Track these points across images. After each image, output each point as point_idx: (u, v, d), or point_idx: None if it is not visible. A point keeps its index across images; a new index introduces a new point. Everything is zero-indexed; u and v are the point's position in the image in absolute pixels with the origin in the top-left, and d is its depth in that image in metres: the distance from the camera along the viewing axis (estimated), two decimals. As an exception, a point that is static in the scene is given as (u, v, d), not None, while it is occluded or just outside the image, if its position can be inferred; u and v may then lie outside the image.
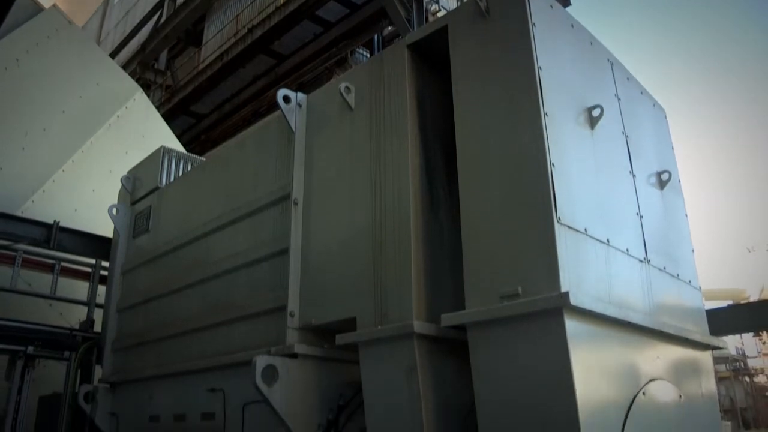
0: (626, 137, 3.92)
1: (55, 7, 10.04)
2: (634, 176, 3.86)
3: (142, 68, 20.60)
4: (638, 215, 3.77)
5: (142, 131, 9.90)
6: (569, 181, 3.13)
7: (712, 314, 4.42)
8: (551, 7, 3.58)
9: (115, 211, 6.60)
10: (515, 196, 3.12)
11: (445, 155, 3.77)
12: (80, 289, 7.50)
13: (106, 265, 7.04)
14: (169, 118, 13.67)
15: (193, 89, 18.67)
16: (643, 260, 3.63)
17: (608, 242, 3.32)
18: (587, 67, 3.79)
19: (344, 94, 4.10)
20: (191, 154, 7.07)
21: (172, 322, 5.33)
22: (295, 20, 15.66)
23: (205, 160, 6.61)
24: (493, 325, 2.97)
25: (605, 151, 3.65)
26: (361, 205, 3.82)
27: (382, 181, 3.73)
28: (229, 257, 4.78)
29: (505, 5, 3.44)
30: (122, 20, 24.74)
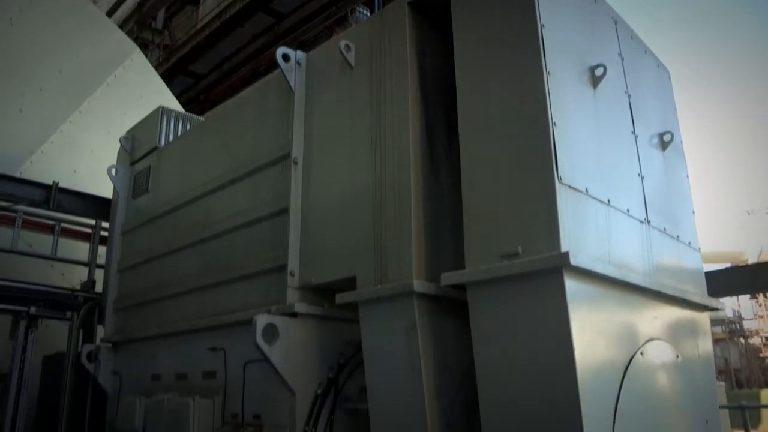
0: (629, 97, 3.87)
1: (48, -36, 9.84)
2: (636, 137, 3.83)
3: (139, 27, 20.31)
4: (639, 176, 3.75)
5: (140, 91, 9.80)
6: (571, 140, 3.11)
7: (710, 276, 4.44)
8: (554, -37, 3.50)
9: (114, 171, 6.58)
10: (516, 155, 3.10)
11: (445, 114, 3.73)
12: (81, 249, 7.51)
13: (106, 225, 7.04)
14: (167, 78, 13.51)
15: (191, 49, 18.44)
16: (643, 221, 3.62)
17: (609, 203, 3.31)
18: (590, 25, 3.72)
19: (344, 52, 4.05)
20: (190, 113, 7.02)
21: (172, 282, 5.35)
22: (295, -23, 15.42)
23: (204, 120, 6.56)
24: (492, 284, 2.97)
25: (607, 111, 3.61)
26: (361, 164, 3.81)
27: (382, 139, 3.70)
28: (229, 217, 4.78)
29: (507, -38, 3.36)
30: (118, -22, 24.30)
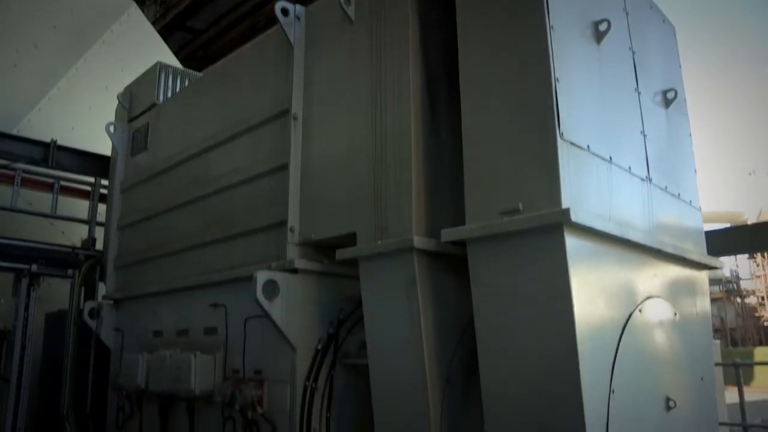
0: (633, 53, 3.81)
1: None
2: (639, 94, 3.78)
3: (135, -18, 19.92)
4: (642, 133, 3.72)
5: (137, 47, 9.65)
6: (573, 96, 3.07)
7: (709, 235, 4.44)
8: None
9: (112, 128, 6.52)
10: (518, 111, 3.07)
11: (446, 70, 3.67)
12: (81, 207, 7.51)
13: (105, 183, 7.02)
14: (164, 34, 13.30)
15: (188, 4, 18.06)
16: (644, 179, 3.61)
17: (611, 160, 3.29)
18: (594, -22, 3.64)
19: (344, 6, 3.97)
20: (188, 69, 6.93)
21: (172, 239, 5.36)
22: (295, -72, 15.01)
23: (202, 76, 6.48)
24: (492, 240, 2.97)
25: (611, 67, 3.56)
26: (361, 119, 3.77)
27: (382, 95, 3.66)
28: (228, 173, 4.76)
29: None
30: (113, -69, 23.73)
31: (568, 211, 2.71)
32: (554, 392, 2.75)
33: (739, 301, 44.92)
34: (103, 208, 6.95)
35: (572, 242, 2.78)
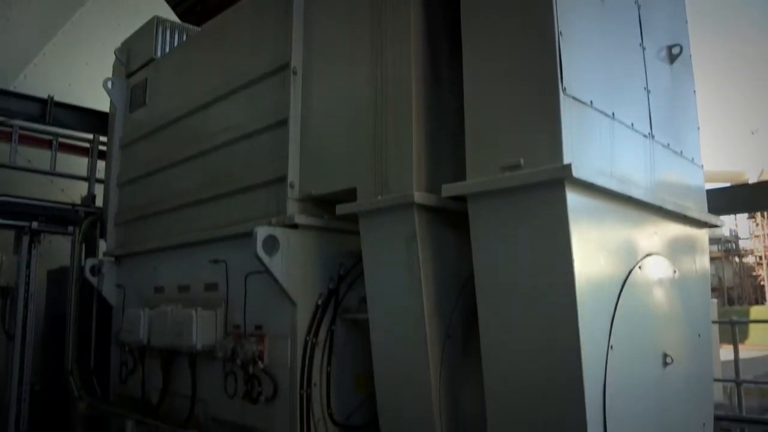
0: (638, 7, 3.74)
1: None
2: (644, 49, 3.72)
3: (130, -65, 19.46)
4: (645, 89, 3.67)
5: (133, 1, 9.47)
6: (576, 51, 3.01)
7: (710, 194, 4.42)
8: None
9: (110, 84, 6.44)
10: (520, 65, 3.01)
11: (448, 23, 3.61)
12: (80, 164, 7.48)
13: (104, 140, 6.97)
14: (161, -12, 13.07)
15: (185, -43, 17.73)
16: (647, 135, 3.58)
17: (613, 116, 3.25)
18: (601, -73, 3.55)
19: (344, -44, 3.89)
20: (187, 24, 6.81)
21: (172, 195, 5.35)
22: None
23: (201, 30, 6.37)
24: (493, 196, 2.96)
25: (615, 21, 3.50)
26: (361, 73, 3.72)
27: (383, 48, 3.60)
28: (228, 129, 4.72)
29: None
30: None
31: (569, 166, 2.69)
32: (554, 347, 2.78)
33: (737, 260, 45.19)
34: (102, 165, 6.93)
35: (573, 198, 2.77)
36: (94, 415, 5.53)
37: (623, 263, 3.14)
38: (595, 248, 2.93)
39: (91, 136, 7.23)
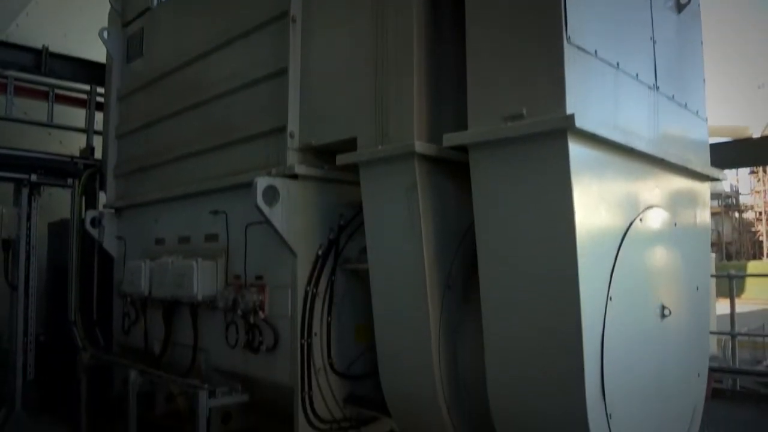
0: (646, -47, 3.64)
1: None
2: (651, -3, 3.64)
3: None
4: (651, 39, 3.59)
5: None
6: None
7: (713, 148, 4.39)
8: None
9: (106, 34, 6.33)
10: (524, 13, 2.95)
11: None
12: (78, 116, 7.42)
13: (101, 91, 6.89)
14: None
15: None
16: (652, 87, 3.52)
17: (618, 66, 3.20)
18: None
19: None
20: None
21: (172, 146, 5.31)
22: None
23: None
24: (495, 146, 2.94)
25: (623, -32, 3.40)
26: (362, 21, 3.65)
27: (385, -5, 3.53)
28: (226, 78, 4.66)
29: None
30: None
31: (572, 117, 2.66)
32: (553, 298, 2.79)
33: (736, 216, 45.25)
34: (100, 116, 6.86)
35: (576, 149, 2.74)
36: (97, 365, 5.61)
37: (624, 215, 3.13)
38: (596, 200, 2.92)
39: (88, 87, 7.14)
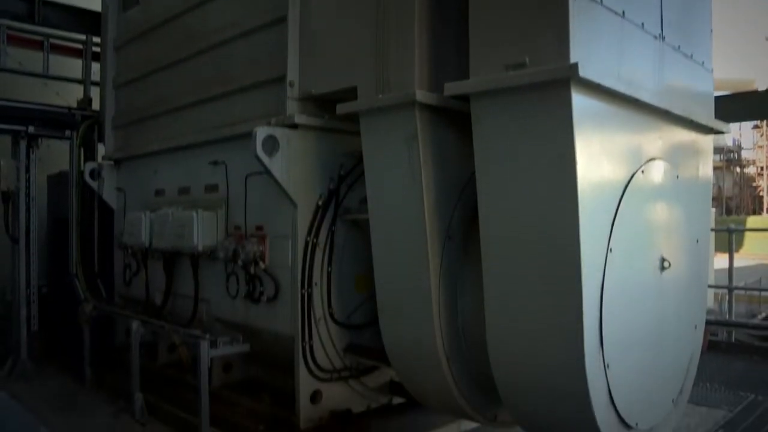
0: None
1: None
2: (658, -57, 3.54)
3: None
4: (658, -14, 3.51)
5: None
6: (587, -56, 2.86)
7: (717, 101, 4.33)
8: None
9: (101, -19, 6.20)
10: (529, -41, 2.87)
11: None
12: (74, 67, 7.31)
13: (97, 40, 6.77)
14: None
15: None
16: (657, 37, 3.45)
17: (623, 15, 3.13)
18: None
19: None
20: None
21: (170, 97, 5.26)
22: None
23: None
24: (497, 95, 2.89)
25: None
26: (363, -34, 3.56)
27: (386, -60, 3.43)
28: (225, 27, 4.58)
29: None
30: None
31: (576, 66, 2.61)
32: (553, 248, 2.79)
33: (738, 170, 45.11)
34: (97, 67, 6.76)
35: (579, 100, 2.70)
36: (100, 316, 5.66)
37: (626, 167, 3.11)
38: (598, 151, 2.89)
39: (84, 36, 7.00)
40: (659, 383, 3.45)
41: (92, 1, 6.65)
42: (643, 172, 3.21)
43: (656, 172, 3.35)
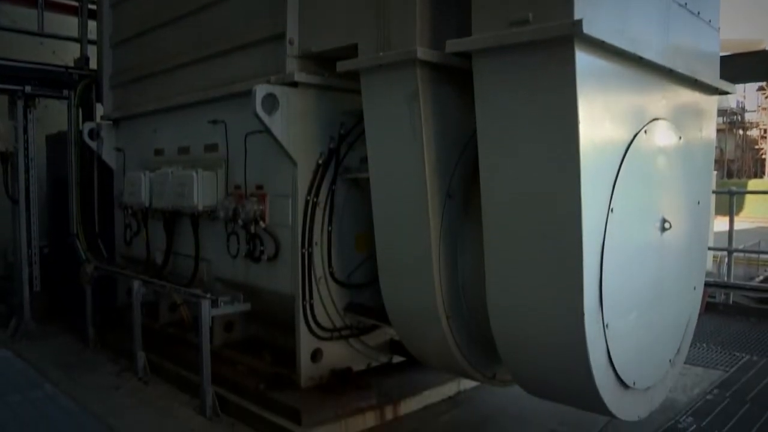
0: None
1: None
2: None
3: None
4: (665, -60, 3.43)
5: None
6: None
7: (723, 61, 4.26)
8: None
9: (95, -64, 6.07)
10: None
11: None
12: (70, 25, 7.20)
13: (93, -3, 6.66)
14: None
15: None
16: (664, -8, 3.38)
17: (629, -30, 3.06)
18: None
19: None
20: None
21: (169, 55, 5.20)
22: None
23: None
24: (499, 52, 2.84)
25: None
26: None
27: None
28: (223, -18, 4.50)
29: None
30: None
31: (580, 22, 2.56)
32: (554, 207, 2.78)
33: (740, 133, 44.84)
34: (93, 25, 6.66)
35: (582, 57, 2.66)
36: (101, 276, 5.69)
37: (629, 127, 3.08)
38: (601, 110, 2.86)
39: (79, -7, 6.89)
40: (657, 343, 3.48)
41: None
42: (646, 132, 3.17)
43: (659, 132, 3.32)
